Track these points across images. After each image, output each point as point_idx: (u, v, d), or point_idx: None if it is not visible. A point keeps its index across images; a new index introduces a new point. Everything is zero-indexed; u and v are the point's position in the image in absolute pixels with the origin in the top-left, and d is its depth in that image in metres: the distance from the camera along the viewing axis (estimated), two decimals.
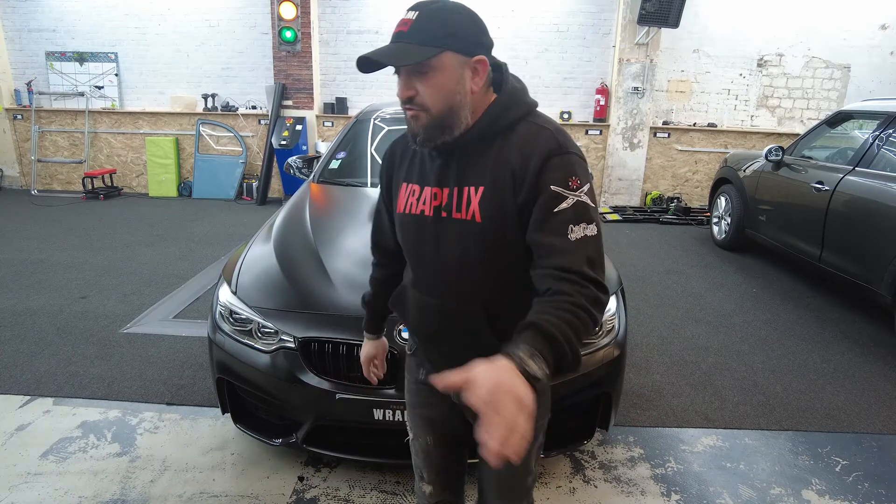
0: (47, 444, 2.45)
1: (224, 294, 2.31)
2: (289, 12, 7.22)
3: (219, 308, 2.29)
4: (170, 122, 8.19)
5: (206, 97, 8.13)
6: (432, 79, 1.05)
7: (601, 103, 7.76)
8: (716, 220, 6.13)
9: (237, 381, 2.20)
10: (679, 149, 7.88)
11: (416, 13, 1.05)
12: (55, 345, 3.36)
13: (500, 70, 1.15)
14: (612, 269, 2.50)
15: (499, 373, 0.80)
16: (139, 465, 2.34)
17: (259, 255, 2.52)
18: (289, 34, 7.31)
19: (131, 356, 3.24)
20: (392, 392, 2.02)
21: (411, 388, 1.41)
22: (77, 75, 8.24)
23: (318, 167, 3.69)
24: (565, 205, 1.03)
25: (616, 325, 2.26)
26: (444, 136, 1.09)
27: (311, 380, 2.05)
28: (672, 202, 7.70)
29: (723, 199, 5.98)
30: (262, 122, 8.09)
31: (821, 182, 4.34)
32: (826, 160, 4.70)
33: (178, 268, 4.87)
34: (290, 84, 7.84)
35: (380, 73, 1.16)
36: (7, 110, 8.29)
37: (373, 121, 3.83)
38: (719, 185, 6.17)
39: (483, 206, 1.09)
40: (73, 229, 6.10)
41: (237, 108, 8.17)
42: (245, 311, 2.19)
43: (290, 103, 7.90)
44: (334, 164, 3.66)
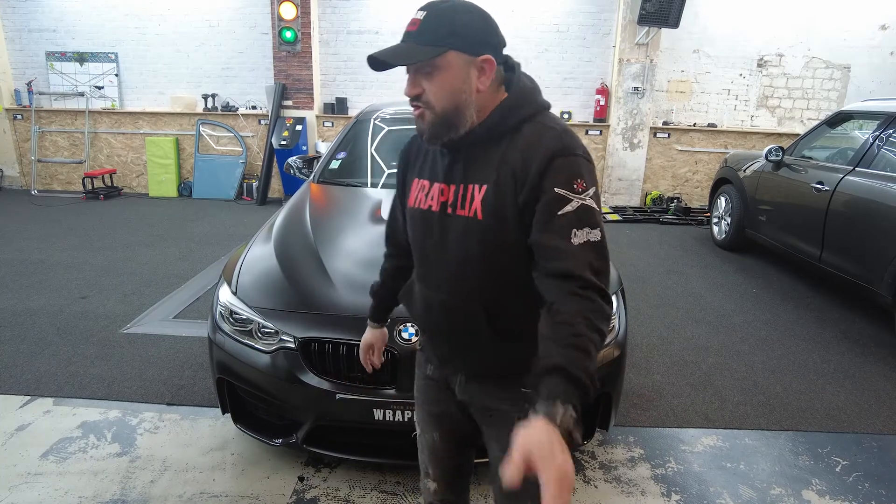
0: (47, 444, 2.45)
1: (224, 294, 2.31)
2: (289, 12, 7.23)
3: (219, 308, 2.29)
4: (170, 122, 8.19)
5: (206, 97, 8.13)
6: (437, 78, 1.07)
7: (601, 103, 7.76)
8: (716, 220, 6.13)
9: (237, 382, 2.21)
10: (679, 149, 7.88)
11: (425, 13, 1.07)
12: (55, 345, 3.36)
13: (513, 69, 1.16)
14: (613, 270, 2.48)
15: (544, 446, 0.83)
16: (139, 466, 2.34)
17: (259, 255, 2.52)
18: (289, 34, 7.31)
19: (131, 356, 3.25)
20: (392, 392, 2.02)
21: (419, 384, 1.42)
22: (77, 75, 8.24)
23: (318, 167, 3.69)
24: (569, 208, 1.02)
25: (616, 326, 2.26)
26: (450, 133, 1.11)
27: (311, 380, 2.05)
28: (672, 202, 7.69)
29: (723, 199, 5.98)
30: (262, 122, 8.09)
31: (821, 182, 4.35)
32: (826, 160, 4.70)
33: (178, 268, 4.87)
34: (290, 84, 7.84)
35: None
36: (7, 110, 8.29)
37: (373, 121, 3.83)
38: (719, 185, 6.17)
39: (485, 205, 1.10)
40: (73, 229, 6.10)
41: (237, 109, 8.17)
42: (245, 312, 2.19)
43: (290, 103, 7.90)
44: (334, 165, 3.66)
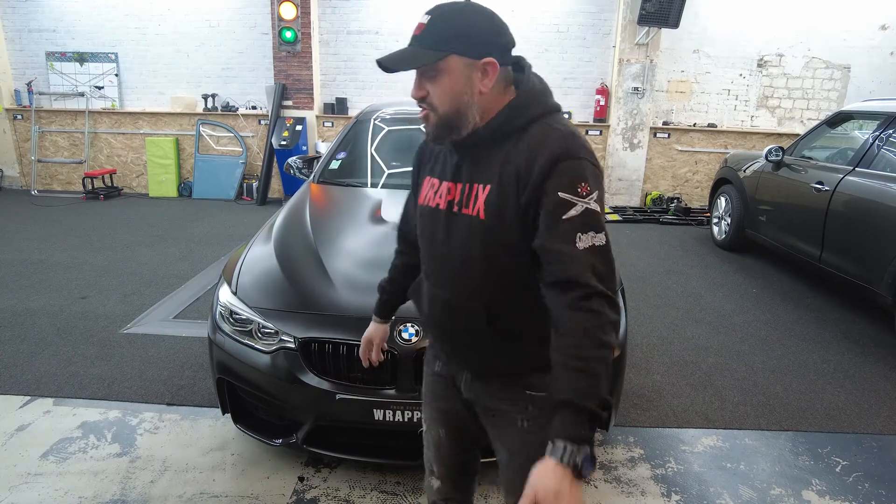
0: (47, 444, 2.45)
1: (224, 294, 2.31)
2: (289, 12, 7.22)
3: (219, 308, 2.29)
4: (170, 122, 8.19)
5: (206, 97, 8.12)
6: (440, 81, 1.09)
7: (601, 104, 7.75)
8: (716, 220, 6.13)
9: (237, 382, 2.21)
10: (679, 149, 7.88)
11: (430, 17, 1.09)
12: (55, 345, 3.36)
13: (523, 70, 1.17)
14: None
15: (550, 492, 0.90)
16: (139, 466, 2.34)
17: (259, 255, 2.52)
18: (289, 34, 7.31)
19: (131, 356, 3.25)
20: (392, 392, 2.02)
21: (428, 380, 1.43)
22: (77, 75, 8.24)
23: (318, 167, 3.69)
24: (574, 212, 1.02)
25: None
26: (452, 134, 1.13)
27: (311, 380, 2.05)
28: (672, 202, 7.69)
29: (723, 199, 5.98)
30: (263, 122, 8.09)
31: (821, 182, 4.34)
32: (826, 160, 4.70)
33: (178, 268, 4.87)
34: (290, 84, 7.84)
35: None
36: (7, 110, 8.29)
37: (373, 121, 3.83)
38: (719, 185, 6.17)
39: (488, 204, 1.11)
40: (73, 229, 6.10)
41: (237, 109, 8.17)
42: (245, 312, 2.19)
43: (290, 103, 7.90)
44: (334, 165, 3.66)
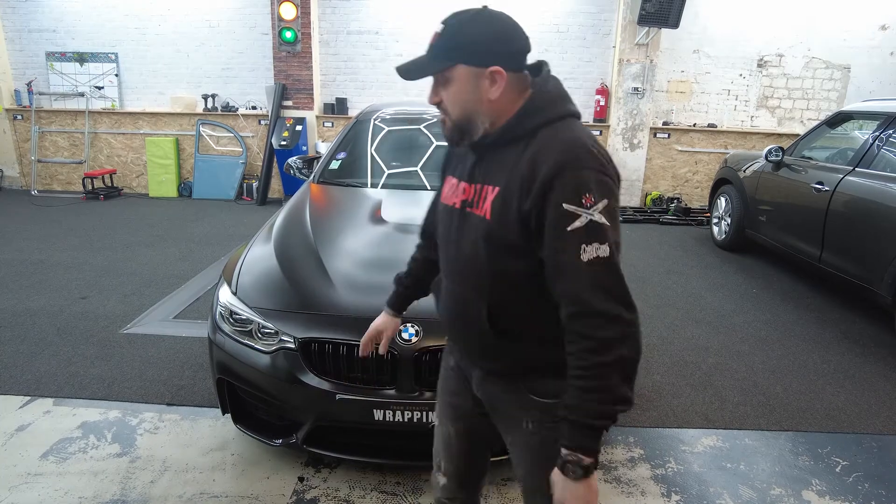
0: (47, 444, 2.45)
1: (224, 294, 2.31)
2: (289, 13, 7.22)
3: (219, 308, 2.29)
4: (170, 122, 8.18)
5: (206, 97, 8.12)
6: (451, 88, 1.14)
7: (601, 104, 7.75)
8: (716, 220, 6.13)
9: (237, 382, 2.21)
10: (679, 149, 7.88)
11: (443, 27, 1.13)
12: (55, 345, 3.36)
13: (540, 74, 1.19)
14: None
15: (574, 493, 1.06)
16: (139, 466, 2.34)
17: (259, 255, 2.52)
18: (289, 34, 7.30)
19: (131, 357, 3.25)
20: (392, 392, 2.02)
21: (443, 374, 1.46)
22: (77, 76, 8.24)
23: (318, 168, 3.69)
24: (578, 223, 1.02)
25: None
26: (465, 138, 1.18)
27: (311, 380, 2.05)
28: (672, 203, 7.70)
29: (723, 199, 5.98)
30: (262, 122, 8.09)
31: (821, 182, 4.34)
32: (826, 161, 4.70)
33: (178, 268, 4.87)
34: (290, 84, 7.84)
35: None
36: (7, 111, 8.28)
37: (373, 121, 3.83)
38: (719, 185, 6.17)
39: (494, 207, 1.13)
40: (73, 230, 6.10)
41: (237, 109, 8.16)
42: (245, 312, 2.19)
43: (290, 104, 7.90)
44: (334, 165, 3.66)
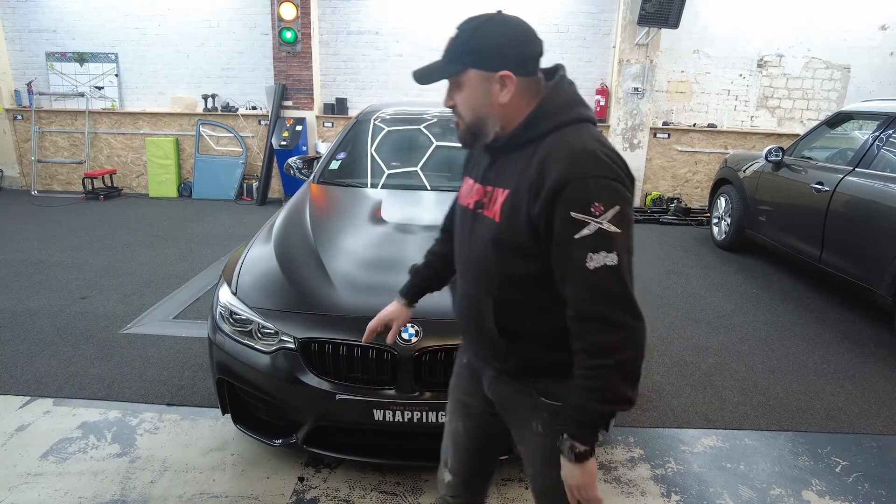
0: (47, 444, 2.45)
1: (224, 295, 2.31)
2: (289, 13, 7.22)
3: (219, 309, 2.29)
4: (170, 122, 8.18)
5: (206, 98, 8.12)
6: (463, 92, 1.16)
7: (601, 104, 7.75)
8: (716, 220, 6.13)
9: (237, 382, 2.21)
10: (679, 149, 7.88)
11: (457, 32, 1.15)
12: (55, 345, 3.36)
13: (553, 78, 1.21)
14: None
15: (567, 480, 1.13)
16: (139, 466, 2.34)
17: (259, 255, 2.52)
18: (289, 35, 7.30)
19: (131, 357, 3.25)
20: (392, 393, 2.02)
21: (456, 371, 1.47)
22: (77, 76, 8.23)
23: (318, 168, 3.69)
24: (586, 231, 1.03)
25: None
26: (477, 141, 1.20)
27: (311, 380, 2.05)
28: (672, 203, 7.69)
29: (723, 199, 5.98)
30: (262, 122, 8.08)
31: (821, 183, 4.35)
32: (826, 161, 4.70)
33: (178, 268, 4.87)
34: (290, 84, 7.84)
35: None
36: (7, 111, 8.28)
37: (373, 121, 3.83)
38: (719, 185, 6.17)
39: (504, 209, 1.14)
40: (73, 230, 6.10)
41: (237, 109, 8.16)
42: (245, 312, 2.19)
43: (290, 104, 7.90)
44: (334, 165, 3.66)
